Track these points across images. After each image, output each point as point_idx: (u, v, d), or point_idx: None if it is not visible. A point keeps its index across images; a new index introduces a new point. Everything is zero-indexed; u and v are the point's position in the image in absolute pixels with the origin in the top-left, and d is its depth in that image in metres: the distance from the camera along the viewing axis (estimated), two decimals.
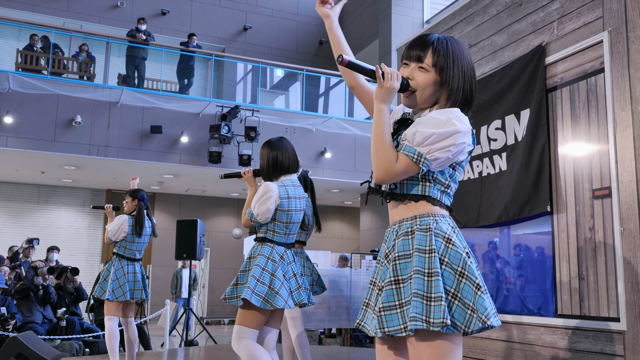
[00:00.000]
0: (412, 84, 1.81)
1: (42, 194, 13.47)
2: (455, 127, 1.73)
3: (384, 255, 1.83)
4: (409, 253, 1.75)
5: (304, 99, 12.51)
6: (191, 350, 7.35)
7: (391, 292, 1.72)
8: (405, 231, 1.78)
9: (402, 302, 1.70)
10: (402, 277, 1.73)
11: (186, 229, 8.84)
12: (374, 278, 1.85)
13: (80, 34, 12.14)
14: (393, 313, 1.70)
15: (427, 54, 1.80)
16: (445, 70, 1.79)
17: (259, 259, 3.17)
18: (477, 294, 1.67)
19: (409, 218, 1.80)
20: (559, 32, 3.45)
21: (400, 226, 1.81)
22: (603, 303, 3.01)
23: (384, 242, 1.86)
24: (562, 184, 3.32)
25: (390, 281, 1.74)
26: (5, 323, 6.51)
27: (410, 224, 1.78)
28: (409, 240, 1.76)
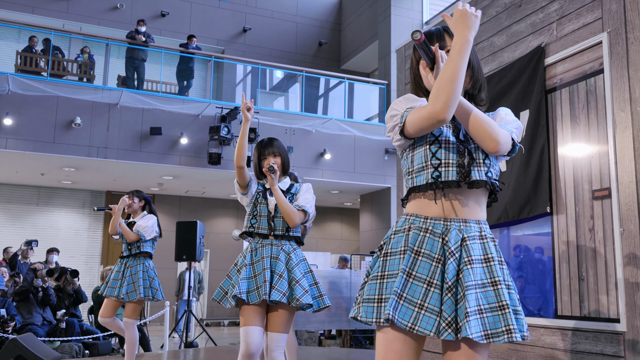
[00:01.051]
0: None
1: (41, 195, 13.47)
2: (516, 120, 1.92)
3: (442, 251, 1.73)
4: (481, 258, 1.75)
5: (304, 101, 12.52)
6: (191, 352, 7.35)
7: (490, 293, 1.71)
8: (474, 234, 1.76)
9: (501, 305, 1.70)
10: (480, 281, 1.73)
11: (186, 230, 8.84)
12: (427, 277, 1.71)
13: (79, 36, 12.14)
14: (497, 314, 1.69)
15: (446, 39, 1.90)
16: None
17: (308, 264, 3.20)
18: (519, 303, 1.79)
19: (474, 220, 1.78)
20: (559, 33, 3.45)
21: (466, 225, 1.77)
22: (603, 304, 3.01)
23: (428, 234, 1.75)
24: (562, 185, 3.32)
25: (473, 284, 1.69)
26: (5, 325, 6.50)
27: (478, 227, 1.78)
28: (483, 244, 1.77)
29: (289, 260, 3.08)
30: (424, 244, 1.74)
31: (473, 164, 1.77)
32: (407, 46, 4.99)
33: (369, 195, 13.29)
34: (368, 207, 13.35)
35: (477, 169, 1.77)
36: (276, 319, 3.00)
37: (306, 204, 3.16)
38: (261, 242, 3.12)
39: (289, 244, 3.14)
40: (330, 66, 15.08)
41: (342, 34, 15.67)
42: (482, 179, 1.76)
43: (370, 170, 11.87)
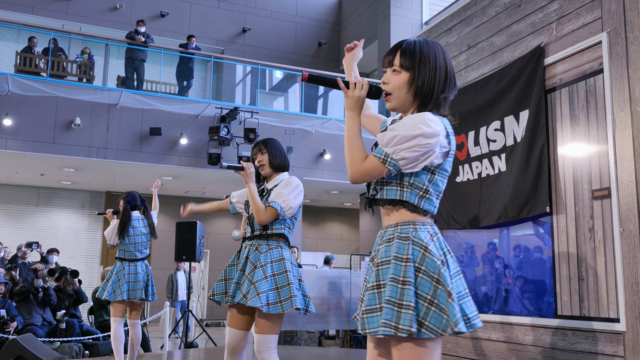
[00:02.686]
0: (387, 88, 1.90)
1: (41, 196, 13.47)
2: (421, 130, 1.78)
3: (370, 258, 1.93)
4: (388, 259, 1.82)
5: (303, 101, 12.52)
6: (191, 352, 7.35)
7: (373, 295, 1.81)
8: (388, 238, 1.87)
9: (381, 306, 1.78)
10: (382, 282, 1.81)
11: (186, 230, 8.84)
12: (365, 278, 1.93)
13: (79, 36, 12.14)
14: (374, 315, 1.79)
15: (396, 56, 1.90)
16: (411, 69, 1.86)
17: (287, 264, 3.08)
18: (448, 301, 1.73)
19: (391, 225, 1.88)
20: (558, 33, 3.45)
21: (385, 232, 1.90)
22: (603, 304, 3.01)
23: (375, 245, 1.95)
24: (562, 185, 3.32)
25: (373, 285, 1.82)
26: (5, 326, 6.50)
27: (393, 231, 1.87)
28: (390, 247, 1.84)
29: (258, 260, 3.07)
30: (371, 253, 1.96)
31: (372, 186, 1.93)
32: None
33: None
34: None
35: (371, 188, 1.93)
36: (258, 321, 3.03)
37: (277, 200, 3.09)
38: (244, 244, 3.20)
39: (265, 244, 3.11)
40: (330, 66, 15.07)
41: (341, 34, 15.67)
42: (371, 196, 1.94)
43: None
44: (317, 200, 14.64)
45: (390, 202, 1.88)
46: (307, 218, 15.04)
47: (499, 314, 3.67)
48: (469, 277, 3.98)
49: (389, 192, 1.88)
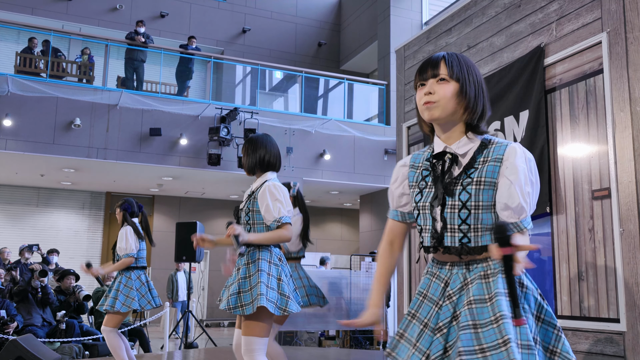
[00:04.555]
0: (433, 98, 1.78)
1: (41, 196, 13.46)
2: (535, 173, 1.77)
3: (441, 294, 1.77)
4: (485, 298, 1.68)
5: (303, 101, 12.52)
6: (191, 353, 7.34)
7: (470, 336, 1.64)
8: (478, 274, 1.72)
9: (482, 348, 1.62)
10: (479, 321, 1.65)
11: (185, 231, 8.83)
12: (425, 318, 1.77)
13: (79, 37, 12.14)
14: (473, 358, 1.61)
15: (440, 67, 1.80)
16: (461, 79, 1.79)
17: (261, 264, 3.00)
18: (559, 338, 1.72)
19: (479, 260, 1.74)
20: (558, 33, 3.45)
21: (468, 269, 1.75)
22: (603, 304, 3.01)
23: (434, 278, 1.81)
24: (562, 185, 3.32)
25: (468, 325, 1.66)
26: (5, 326, 6.49)
27: (483, 267, 1.73)
28: (483, 284, 1.70)
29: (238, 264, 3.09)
30: (430, 287, 1.81)
31: (446, 230, 1.76)
32: (407, 47, 4.99)
33: (369, 196, 13.30)
34: (368, 207, 13.36)
35: (449, 235, 1.75)
36: (242, 323, 3.05)
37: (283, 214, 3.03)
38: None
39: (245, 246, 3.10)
40: (330, 67, 15.07)
41: (341, 35, 15.67)
42: (454, 246, 1.75)
43: (370, 170, 11.87)
44: (317, 200, 14.63)
45: (485, 247, 1.73)
46: None
47: None
48: None
49: (485, 237, 1.74)
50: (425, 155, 1.90)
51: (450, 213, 1.75)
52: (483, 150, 1.79)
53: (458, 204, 1.74)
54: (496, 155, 1.76)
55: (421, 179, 1.86)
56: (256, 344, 2.93)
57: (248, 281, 2.98)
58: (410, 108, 4.78)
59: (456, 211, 1.74)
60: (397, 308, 4.81)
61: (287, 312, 2.99)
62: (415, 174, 1.89)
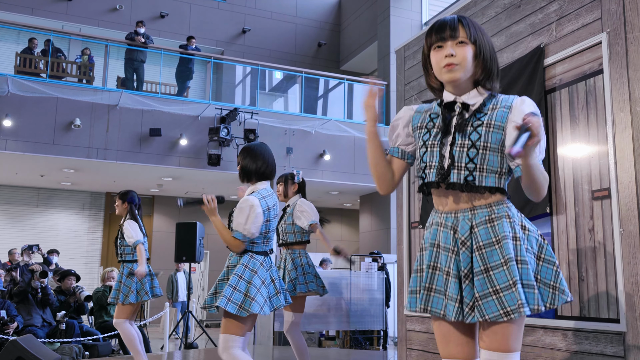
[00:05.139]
0: (454, 60, 1.85)
1: (41, 197, 13.46)
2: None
3: (454, 242, 1.85)
4: (492, 241, 1.80)
5: (303, 101, 12.52)
6: (191, 353, 7.34)
7: (483, 280, 1.78)
8: (484, 219, 1.83)
9: (496, 289, 1.76)
10: (490, 264, 1.79)
11: (185, 231, 8.83)
12: (446, 267, 1.84)
13: (79, 37, 12.14)
14: (489, 300, 1.76)
15: (459, 30, 1.88)
16: (478, 41, 1.89)
17: (237, 268, 3.22)
18: (558, 274, 1.85)
19: (483, 206, 1.85)
20: (558, 33, 3.45)
21: (474, 214, 1.85)
22: (603, 304, 3.01)
23: (442, 227, 1.88)
24: (562, 185, 3.32)
25: (480, 270, 1.79)
26: (5, 327, 6.49)
27: (487, 212, 1.84)
28: (489, 228, 1.82)
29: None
30: (440, 237, 1.88)
31: (453, 167, 1.84)
32: (407, 47, 4.99)
33: (369, 196, 13.29)
34: (368, 208, 13.35)
35: (456, 172, 1.84)
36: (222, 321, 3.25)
37: (238, 229, 3.21)
38: None
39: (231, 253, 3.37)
40: (330, 67, 15.08)
41: (341, 35, 15.67)
42: (458, 182, 1.83)
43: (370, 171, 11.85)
44: (317, 201, 14.64)
45: (489, 189, 1.84)
46: None
47: None
48: None
49: (489, 179, 1.84)
50: (433, 106, 2.00)
51: (459, 151, 1.84)
52: (491, 99, 1.90)
53: (468, 143, 1.83)
54: (505, 103, 1.88)
55: (429, 120, 1.96)
56: (230, 341, 3.15)
57: (224, 283, 3.24)
58: None
59: (465, 149, 1.83)
60: (397, 308, 4.81)
61: (249, 312, 3.12)
62: (421, 117, 2.00)
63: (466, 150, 1.83)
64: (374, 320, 8.74)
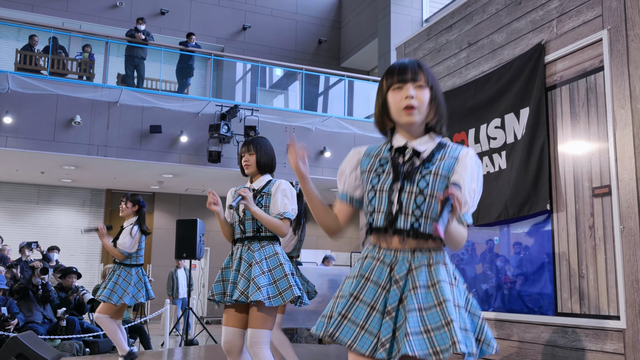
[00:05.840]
0: (414, 102, 1.90)
1: (41, 194, 13.47)
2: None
3: (388, 279, 1.87)
4: (428, 284, 1.84)
5: (303, 98, 12.51)
6: (191, 350, 7.35)
7: (416, 318, 1.79)
8: (423, 263, 1.87)
9: (427, 329, 1.78)
10: (423, 305, 1.81)
11: (186, 228, 8.83)
12: (372, 301, 1.85)
13: (79, 34, 12.13)
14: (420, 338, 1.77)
15: (420, 73, 1.93)
16: (434, 86, 1.95)
17: (280, 258, 3.18)
18: (482, 327, 1.90)
19: (423, 249, 1.89)
20: (559, 30, 3.45)
21: (414, 256, 1.88)
22: (603, 301, 3.01)
23: (378, 262, 1.90)
24: (562, 183, 3.32)
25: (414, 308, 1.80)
26: (6, 323, 6.50)
27: (427, 256, 1.88)
28: (427, 272, 1.86)
29: (253, 258, 3.16)
30: (374, 271, 1.89)
31: (400, 213, 1.88)
32: (407, 44, 4.98)
33: None
34: None
35: (403, 218, 1.87)
36: (251, 315, 3.11)
37: (287, 210, 3.19)
38: (236, 246, 3.29)
39: (257, 243, 3.21)
40: (330, 64, 15.06)
41: (341, 32, 15.65)
42: (405, 228, 1.87)
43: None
44: None
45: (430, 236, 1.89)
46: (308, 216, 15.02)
47: (499, 311, 3.68)
48: (469, 275, 3.99)
49: (430, 227, 1.89)
50: (383, 149, 2.02)
51: (407, 198, 1.88)
52: (440, 149, 1.95)
53: (416, 190, 1.88)
54: (453, 154, 1.94)
55: (378, 165, 1.98)
56: (265, 337, 3.07)
57: (272, 274, 3.13)
58: None
59: (413, 197, 1.87)
60: None
61: (303, 304, 3.17)
62: (370, 161, 2.02)
63: (414, 197, 1.87)
64: None
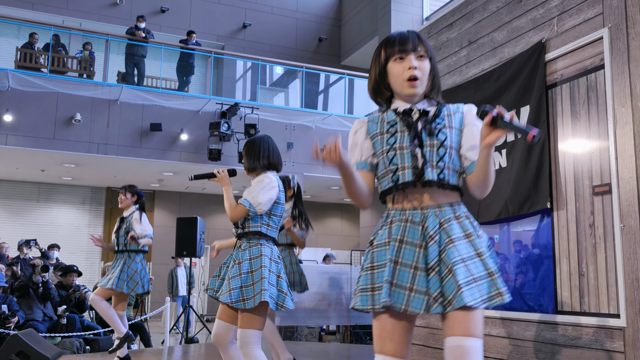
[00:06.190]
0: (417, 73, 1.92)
1: (42, 191, 13.47)
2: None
3: (422, 237, 1.88)
4: (461, 235, 1.87)
5: (304, 96, 12.51)
6: (191, 348, 7.36)
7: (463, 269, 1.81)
8: (450, 216, 1.90)
9: (474, 277, 1.82)
10: (464, 256, 1.84)
11: (186, 226, 8.84)
12: (413, 262, 1.86)
13: (79, 32, 12.13)
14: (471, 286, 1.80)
15: (420, 44, 1.97)
16: (432, 57, 1.99)
17: (263, 260, 3.15)
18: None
19: (447, 204, 1.92)
20: (559, 28, 3.44)
21: (441, 210, 1.91)
22: (603, 299, 3.02)
23: (408, 223, 1.90)
24: (562, 181, 3.32)
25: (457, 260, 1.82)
26: (6, 321, 6.51)
27: (452, 209, 1.92)
28: (458, 224, 1.89)
29: (239, 257, 3.22)
30: (406, 232, 1.90)
31: (426, 165, 1.90)
32: None
33: None
34: None
35: (429, 170, 1.90)
36: (239, 315, 3.15)
37: (247, 197, 3.22)
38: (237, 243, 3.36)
39: (246, 242, 3.26)
40: (331, 62, 15.05)
41: (342, 30, 15.64)
42: (433, 179, 1.90)
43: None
44: (318, 196, 14.64)
45: (453, 187, 1.93)
46: (308, 214, 15.02)
47: (499, 309, 3.68)
48: None
49: (454, 177, 1.94)
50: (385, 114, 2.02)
51: (429, 151, 1.91)
52: (442, 107, 2.00)
53: (436, 142, 1.91)
54: (458, 109, 2.00)
55: (389, 127, 1.98)
56: (253, 336, 3.07)
57: (250, 276, 3.13)
58: None
59: (435, 149, 1.91)
60: None
61: (284, 308, 3.14)
62: (377, 126, 2.01)
63: (435, 149, 1.91)
64: None
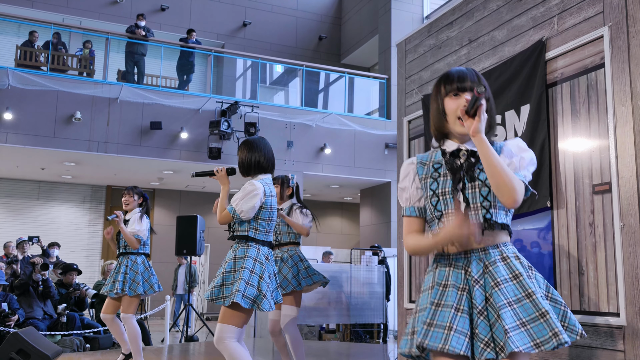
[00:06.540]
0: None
1: (42, 190, 13.47)
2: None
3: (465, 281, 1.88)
4: (508, 277, 1.86)
5: (304, 95, 12.50)
6: (191, 346, 7.37)
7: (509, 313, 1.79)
8: (496, 258, 1.89)
9: (522, 322, 1.79)
10: (511, 299, 1.83)
11: (186, 224, 8.84)
12: (455, 304, 1.84)
13: (79, 30, 12.13)
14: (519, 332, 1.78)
15: (478, 83, 1.95)
16: (490, 98, 1.98)
17: (246, 261, 3.25)
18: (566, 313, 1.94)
19: (493, 246, 1.91)
20: (559, 27, 3.44)
21: (486, 254, 1.90)
22: (603, 298, 3.02)
23: (452, 268, 1.91)
24: (562, 180, 3.32)
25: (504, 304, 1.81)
26: (6, 319, 6.51)
27: (498, 251, 1.91)
28: (504, 265, 1.88)
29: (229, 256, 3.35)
30: (450, 277, 1.90)
31: (469, 209, 1.90)
32: (408, 40, 4.98)
33: (369, 190, 13.30)
34: (368, 201, 13.36)
35: (473, 213, 1.90)
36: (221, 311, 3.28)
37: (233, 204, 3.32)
38: None
39: (236, 242, 3.39)
40: (331, 60, 15.05)
41: (342, 28, 15.63)
42: (479, 221, 1.90)
43: (371, 164, 11.86)
44: (318, 194, 14.64)
45: (501, 226, 1.92)
46: None
47: None
48: None
49: (500, 216, 1.92)
50: (433, 155, 2.04)
51: (471, 193, 1.91)
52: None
53: (479, 183, 1.90)
54: (499, 146, 2.00)
55: (433, 171, 1.99)
56: (228, 331, 3.16)
57: (232, 275, 3.24)
58: (411, 102, 4.77)
59: (477, 190, 1.90)
60: (397, 302, 4.82)
61: (260, 309, 3.20)
62: (424, 168, 2.02)
63: (478, 190, 1.90)
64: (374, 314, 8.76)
